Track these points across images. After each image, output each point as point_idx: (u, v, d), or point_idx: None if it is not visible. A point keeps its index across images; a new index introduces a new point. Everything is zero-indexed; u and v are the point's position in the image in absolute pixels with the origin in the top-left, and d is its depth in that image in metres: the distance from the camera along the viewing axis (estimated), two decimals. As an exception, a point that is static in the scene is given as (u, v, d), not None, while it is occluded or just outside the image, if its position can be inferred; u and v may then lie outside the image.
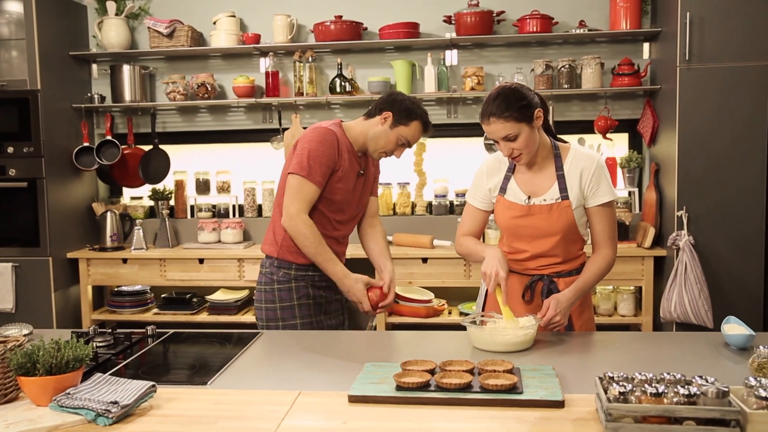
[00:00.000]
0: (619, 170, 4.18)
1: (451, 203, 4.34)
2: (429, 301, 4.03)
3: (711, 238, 3.59)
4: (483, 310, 2.37)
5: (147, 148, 4.47)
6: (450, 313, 4.10)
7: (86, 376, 1.68)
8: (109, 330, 2.19)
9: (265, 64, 4.27)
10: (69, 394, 1.56)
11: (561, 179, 2.19)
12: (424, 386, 1.63)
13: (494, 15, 4.05)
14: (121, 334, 2.18)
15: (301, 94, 4.24)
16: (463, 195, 3.99)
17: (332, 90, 4.20)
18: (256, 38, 4.22)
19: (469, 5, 4.05)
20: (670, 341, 2.11)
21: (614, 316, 3.97)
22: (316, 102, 4.32)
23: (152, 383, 1.63)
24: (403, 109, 2.41)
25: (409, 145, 2.46)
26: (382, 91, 4.15)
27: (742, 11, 3.48)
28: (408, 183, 4.36)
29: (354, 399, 1.61)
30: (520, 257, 2.27)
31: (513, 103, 2.07)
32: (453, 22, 4.08)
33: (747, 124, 3.53)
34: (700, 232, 3.59)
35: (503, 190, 2.26)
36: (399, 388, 1.63)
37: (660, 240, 3.87)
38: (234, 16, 4.26)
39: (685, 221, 3.57)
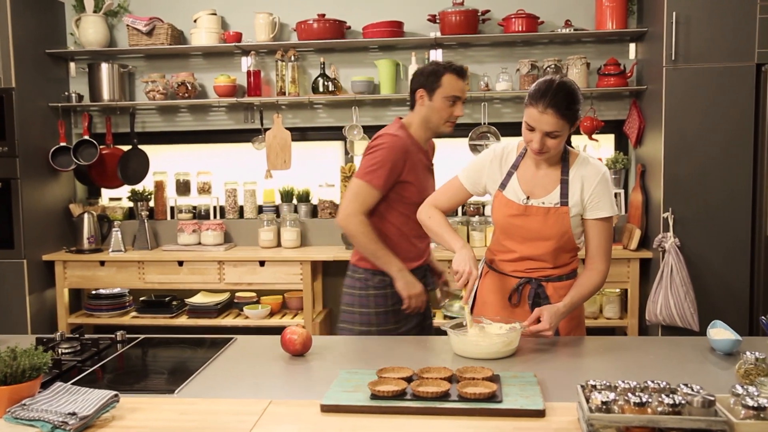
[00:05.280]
0: (605, 171, 4.14)
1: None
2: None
3: (697, 240, 3.56)
4: (471, 310, 2.29)
5: (126, 148, 4.38)
6: (434, 315, 4.02)
7: (47, 385, 1.61)
8: (77, 336, 2.11)
9: (246, 63, 4.20)
10: (25, 405, 1.48)
11: (564, 185, 2.13)
12: (400, 395, 1.56)
13: (479, 14, 4.00)
14: (89, 341, 2.10)
15: (284, 93, 4.17)
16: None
17: (315, 90, 4.13)
18: (238, 37, 4.14)
19: (453, 4, 4.00)
20: (655, 346, 2.06)
21: (600, 318, 3.94)
22: (298, 102, 4.25)
23: (115, 393, 1.55)
24: (426, 77, 2.46)
25: (460, 99, 2.48)
26: (366, 91, 4.10)
27: (729, 11, 3.45)
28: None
29: (326, 408, 1.54)
30: (507, 257, 2.20)
31: (572, 104, 2.03)
32: (437, 21, 4.03)
33: (734, 124, 3.50)
34: (686, 234, 3.55)
35: (503, 186, 2.19)
36: (374, 396, 1.56)
37: (646, 242, 3.83)
38: (215, 14, 4.19)
39: (671, 223, 3.53)
